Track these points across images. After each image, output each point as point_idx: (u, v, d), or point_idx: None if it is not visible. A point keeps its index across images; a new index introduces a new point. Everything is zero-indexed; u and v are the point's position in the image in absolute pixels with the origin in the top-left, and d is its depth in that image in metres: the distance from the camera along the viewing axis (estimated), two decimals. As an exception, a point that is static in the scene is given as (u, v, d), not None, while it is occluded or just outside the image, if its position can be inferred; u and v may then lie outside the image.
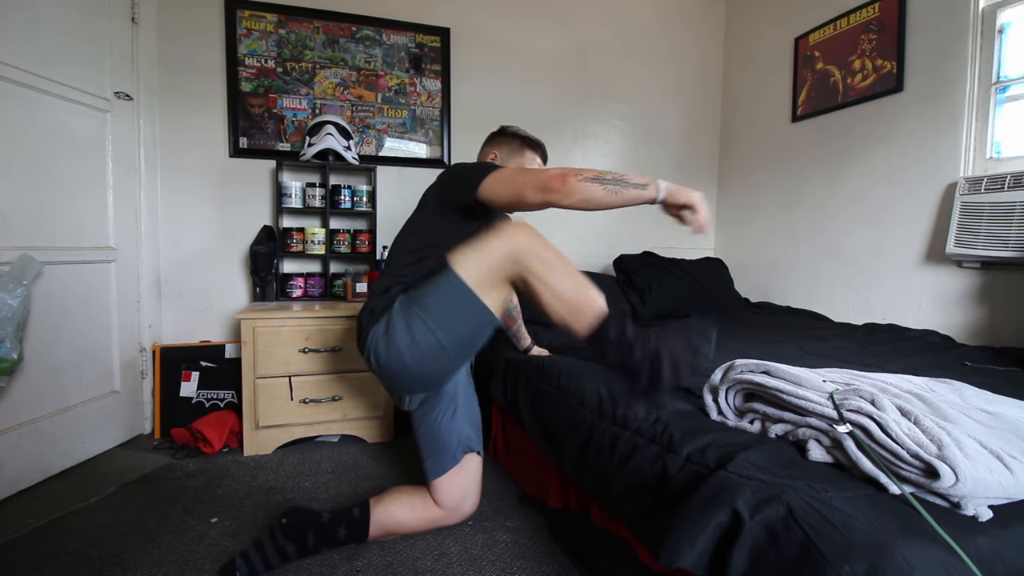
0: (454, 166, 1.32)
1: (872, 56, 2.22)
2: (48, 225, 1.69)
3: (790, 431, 0.89)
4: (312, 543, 1.20)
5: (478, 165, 1.23)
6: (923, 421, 0.75)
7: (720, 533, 0.72)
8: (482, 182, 1.17)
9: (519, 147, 1.47)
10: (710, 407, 1.05)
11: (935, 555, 0.61)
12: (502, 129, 1.52)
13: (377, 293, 1.25)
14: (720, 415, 1.03)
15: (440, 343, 1.12)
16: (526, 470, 1.60)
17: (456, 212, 1.27)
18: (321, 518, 1.23)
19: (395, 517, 1.27)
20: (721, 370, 1.04)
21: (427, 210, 1.32)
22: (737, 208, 3.06)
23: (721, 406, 1.03)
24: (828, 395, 0.85)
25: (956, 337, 1.90)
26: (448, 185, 1.29)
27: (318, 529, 1.21)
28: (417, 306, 1.12)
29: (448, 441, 1.29)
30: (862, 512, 0.68)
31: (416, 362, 1.14)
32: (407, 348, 1.12)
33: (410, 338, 1.12)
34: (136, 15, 2.06)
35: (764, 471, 0.78)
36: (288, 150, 2.40)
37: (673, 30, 3.04)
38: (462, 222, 1.27)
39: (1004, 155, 1.85)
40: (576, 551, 1.29)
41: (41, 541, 1.34)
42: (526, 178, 1.12)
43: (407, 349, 1.13)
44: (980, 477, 0.68)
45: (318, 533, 1.20)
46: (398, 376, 1.19)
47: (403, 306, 1.14)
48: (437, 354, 1.14)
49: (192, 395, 2.11)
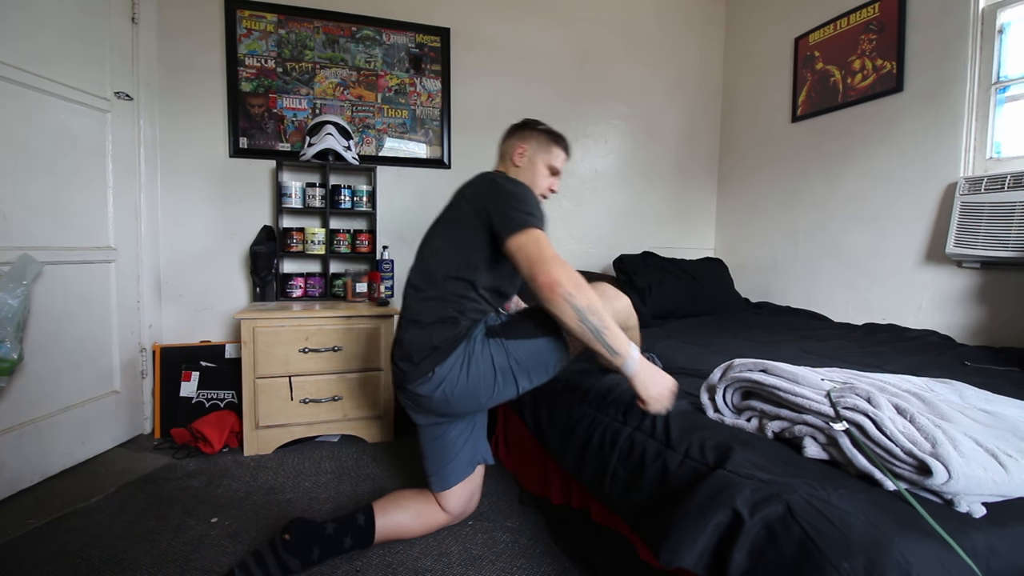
0: (502, 188, 1.20)
1: (872, 56, 2.22)
2: (48, 225, 1.69)
3: (787, 428, 0.90)
4: (317, 556, 1.19)
5: (524, 211, 1.14)
6: (919, 419, 0.75)
7: (720, 532, 0.73)
8: (519, 235, 1.10)
9: (547, 143, 1.43)
10: (706, 405, 1.06)
11: (931, 551, 0.62)
12: (528, 123, 1.47)
13: (433, 321, 1.18)
14: (717, 412, 1.04)
15: (520, 387, 1.19)
16: (527, 467, 1.60)
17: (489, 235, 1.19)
18: (325, 530, 1.21)
19: (400, 525, 1.28)
20: (720, 370, 1.04)
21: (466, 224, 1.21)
22: (737, 208, 3.06)
23: (718, 404, 1.03)
24: (825, 393, 0.85)
25: (956, 337, 1.90)
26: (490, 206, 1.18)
27: (323, 542, 1.19)
28: (512, 358, 1.16)
29: (463, 455, 1.30)
30: (859, 509, 0.68)
31: (487, 399, 1.19)
32: (485, 389, 1.16)
33: (491, 380, 1.16)
34: (136, 15, 2.06)
35: (763, 469, 0.79)
36: (288, 150, 2.40)
37: (673, 30, 3.04)
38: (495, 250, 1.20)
39: (1004, 155, 1.85)
40: (576, 551, 1.29)
41: (41, 541, 1.34)
42: (542, 261, 1.07)
43: (485, 390, 1.17)
44: (973, 474, 0.68)
45: (323, 546, 1.19)
46: (454, 408, 1.21)
47: (494, 351, 1.16)
48: (511, 394, 1.20)
49: (192, 395, 2.11)
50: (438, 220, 1.32)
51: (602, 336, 1.03)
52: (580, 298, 1.03)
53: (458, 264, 1.20)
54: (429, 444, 1.31)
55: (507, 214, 1.14)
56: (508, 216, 1.13)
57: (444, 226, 1.28)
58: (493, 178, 1.25)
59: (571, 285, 1.03)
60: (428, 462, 1.32)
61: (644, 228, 3.03)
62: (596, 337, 1.03)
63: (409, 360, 1.19)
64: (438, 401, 1.18)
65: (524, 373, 1.17)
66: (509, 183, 1.22)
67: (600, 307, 1.05)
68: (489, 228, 1.17)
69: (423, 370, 1.16)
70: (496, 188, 1.21)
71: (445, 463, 1.29)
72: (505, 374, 1.16)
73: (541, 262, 1.06)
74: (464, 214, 1.23)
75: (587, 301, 1.03)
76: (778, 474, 0.77)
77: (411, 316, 1.23)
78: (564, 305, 1.02)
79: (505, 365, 1.16)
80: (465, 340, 1.16)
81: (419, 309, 1.22)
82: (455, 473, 1.30)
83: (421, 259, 1.29)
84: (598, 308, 1.04)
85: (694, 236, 3.20)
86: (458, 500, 1.32)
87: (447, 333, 1.17)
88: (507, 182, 1.22)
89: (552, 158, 1.44)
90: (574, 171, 2.89)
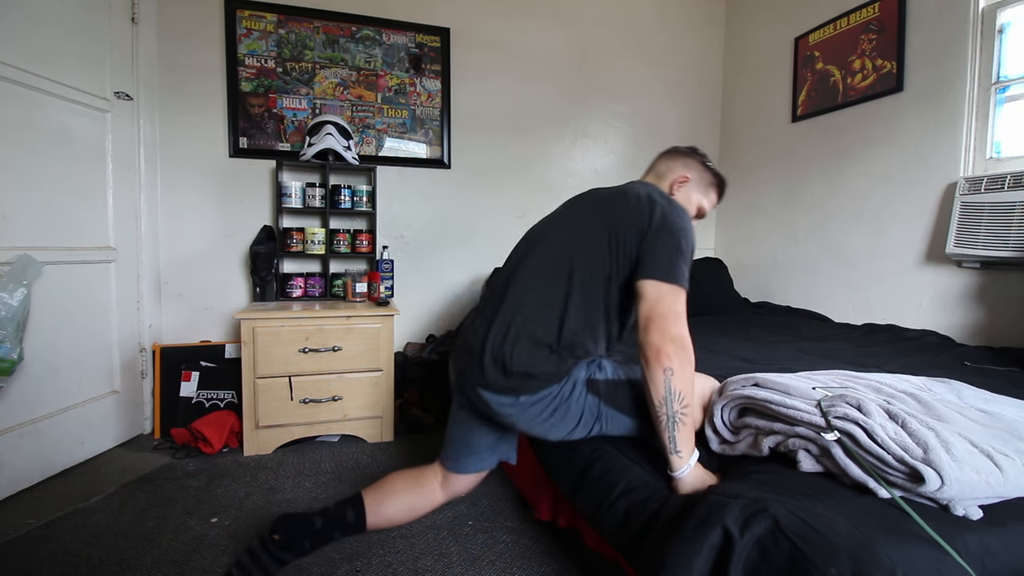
0: (673, 225, 1.06)
1: (872, 56, 2.22)
2: (48, 225, 1.69)
3: (781, 442, 0.89)
4: (309, 547, 1.17)
5: (685, 263, 1.05)
6: (910, 424, 0.75)
7: (715, 555, 0.73)
8: (665, 284, 1.01)
9: (709, 184, 1.29)
10: (711, 439, 1.03)
11: (919, 552, 0.63)
12: (695, 153, 1.31)
13: (544, 344, 1.05)
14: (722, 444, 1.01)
15: (584, 438, 1.12)
16: (522, 469, 1.59)
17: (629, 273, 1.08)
18: (313, 524, 1.17)
19: (393, 521, 1.23)
20: (716, 392, 1.04)
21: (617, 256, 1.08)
22: (737, 208, 3.06)
23: (717, 426, 1.01)
24: (816, 403, 0.85)
25: (956, 337, 1.90)
26: (654, 242, 1.05)
27: (312, 535, 1.17)
28: (599, 422, 1.09)
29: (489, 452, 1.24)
30: (846, 516, 0.69)
31: (553, 436, 1.12)
32: (559, 431, 1.09)
33: (571, 427, 1.09)
34: (136, 15, 2.06)
35: (749, 487, 0.79)
36: (288, 150, 2.40)
37: (673, 30, 3.04)
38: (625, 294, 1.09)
39: (1004, 155, 1.85)
40: (576, 553, 1.29)
41: (41, 541, 1.34)
42: (665, 318, 0.98)
43: (557, 431, 1.10)
44: (966, 479, 0.69)
45: (313, 539, 1.17)
46: (513, 425, 1.13)
47: (588, 408, 1.08)
48: (577, 437, 1.12)
49: (192, 395, 2.11)
50: (600, 203, 1.16)
51: (675, 429, 0.95)
52: (678, 380, 0.95)
53: (598, 300, 1.09)
54: (457, 428, 1.24)
55: (670, 259, 1.03)
56: (671, 262, 1.02)
57: (604, 219, 1.12)
58: (664, 207, 1.09)
59: (676, 360, 0.95)
60: (450, 445, 1.24)
61: (644, 228, 3.03)
62: (668, 425, 0.95)
63: (504, 369, 1.05)
64: (501, 416, 1.09)
65: (599, 433, 1.12)
66: (680, 218, 1.09)
67: (692, 397, 0.97)
68: (634, 264, 1.06)
69: (510, 389, 1.05)
70: (666, 224, 1.06)
71: (467, 453, 1.23)
72: (585, 430, 1.10)
73: (664, 318, 0.98)
74: (636, 218, 1.08)
75: (682, 386, 0.95)
76: (766, 490, 0.78)
77: (523, 322, 1.07)
78: (659, 377, 0.95)
79: (590, 425, 1.09)
80: (563, 381, 1.06)
81: (536, 322, 1.07)
82: (474, 463, 1.23)
83: (553, 262, 1.11)
84: (688, 397, 0.95)
85: (694, 236, 3.19)
86: (463, 485, 1.26)
87: (551, 366, 1.05)
88: (678, 217, 1.09)
89: (707, 201, 1.30)
90: (574, 171, 2.89)
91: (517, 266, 1.15)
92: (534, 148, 2.80)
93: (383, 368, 2.04)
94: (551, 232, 1.17)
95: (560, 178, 2.86)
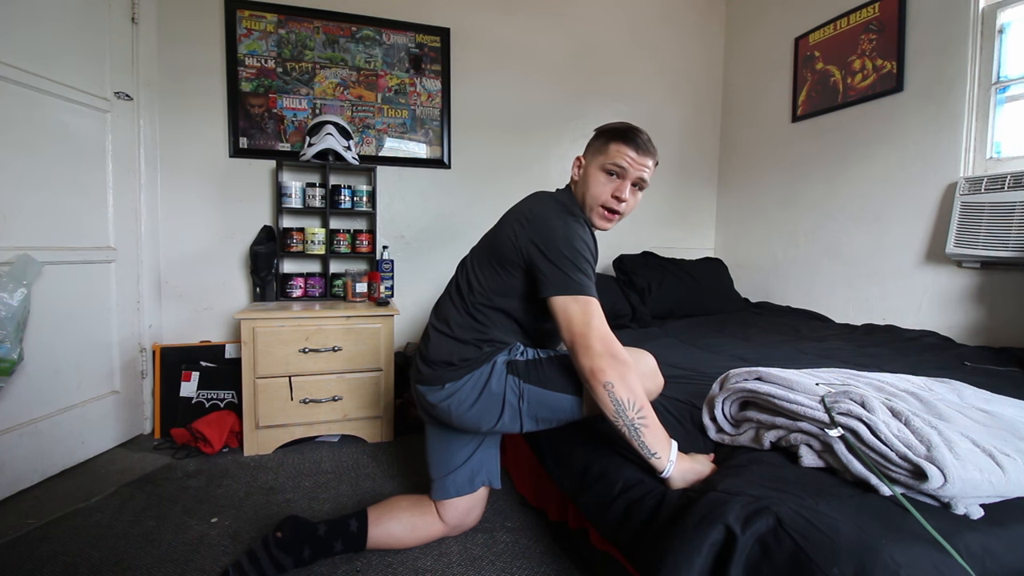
0: (551, 228, 1.08)
1: (872, 56, 2.22)
2: (48, 225, 1.69)
3: (783, 437, 0.89)
4: (308, 556, 1.18)
5: (575, 265, 1.04)
6: (913, 422, 0.75)
7: (716, 552, 0.72)
8: (564, 298, 1.02)
9: (602, 144, 1.21)
10: (708, 427, 1.04)
11: (922, 552, 0.62)
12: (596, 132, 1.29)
13: (459, 335, 1.15)
14: (719, 433, 1.02)
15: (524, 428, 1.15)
16: (523, 474, 1.59)
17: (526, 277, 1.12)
18: (317, 531, 1.20)
19: (393, 536, 1.25)
20: (718, 382, 1.04)
21: (506, 257, 1.13)
22: (737, 208, 3.06)
23: (718, 418, 1.02)
24: (820, 398, 0.85)
25: (956, 337, 1.90)
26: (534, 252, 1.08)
27: (314, 543, 1.19)
28: (524, 401, 1.11)
29: (465, 469, 1.27)
30: (848, 516, 0.69)
31: (488, 428, 1.15)
32: (488, 419, 1.13)
33: (497, 413, 1.12)
34: (136, 15, 2.06)
35: (752, 484, 0.79)
36: (288, 150, 2.40)
37: (673, 30, 3.04)
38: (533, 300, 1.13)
39: (1004, 155, 1.85)
40: (576, 553, 1.29)
41: (41, 541, 1.34)
42: (585, 337, 0.98)
43: (488, 420, 1.13)
44: (969, 477, 0.68)
45: (314, 546, 1.19)
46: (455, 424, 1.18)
47: (508, 388, 1.11)
48: (515, 430, 1.16)
49: (192, 395, 2.11)
50: (490, 232, 1.23)
51: (640, 436, 0.93)
52: (621, 389, 0.94)
53: (496, 290, 1.15)
54: (433, 445, 1.29)
55: (562, 270, 1.02)
56: (564, 274, 1.02)
57: (489, 245, 1.19)
58: (544, 211, 1.12)
59: (612, 372, 0.94)
60: (432, 466, 1.29)
61: (644, 228, 3.03)
62: (631, 435, 0.94)
63: (427, 362, 1.18)
64: (441, 411, 1.17)
65: (531, 418, 1.13)
66: (559, 219, 1.09)
67: (642, 399, 0.95)
68: (526, 270, 1.09)
69: (436, 378, 1.15)
70: (545, 227, 1.07)
71: (446, 471, 1.26)
72: (512, 413, 1.12)
73: (584, 338, 0.97)
74: (507, 244, 1.12)
75: (628, 394, 0.94)
76: (769, 487, 0.77)
77: (442, 319, 1.20)
78: (603, 395, 0.95)
79: (515, 405, 1.11)
80: (483, 366, 1.13)
81: (451, 317, 1.18)
82: (455, 486, 1.27)
83: (467, 266, 1.22)
84: (639, 400, 0.95)
85: (694, 236, 3.20)
86: (456, 512, 1.29)
87: (468, 353, 1.14)
88: (558, 217, 1.09)
89: (613, 159, 1.15)
90: (574, 171, 2.89)
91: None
92: (534, 148, 2.80)
93: (383, 368, 2.04)
94: (482, 241, 1.27)
95: (560, 178, 2.85)
